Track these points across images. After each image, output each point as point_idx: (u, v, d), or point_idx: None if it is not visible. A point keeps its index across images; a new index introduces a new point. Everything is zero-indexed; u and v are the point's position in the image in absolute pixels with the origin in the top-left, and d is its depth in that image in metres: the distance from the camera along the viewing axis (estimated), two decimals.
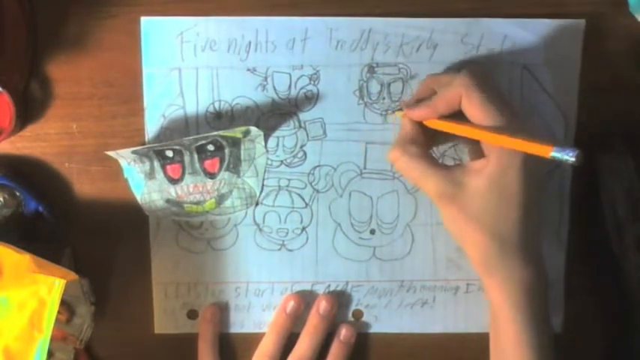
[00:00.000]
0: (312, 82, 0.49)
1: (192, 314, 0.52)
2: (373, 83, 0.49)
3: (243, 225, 0.51)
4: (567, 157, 0.38)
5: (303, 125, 0.49)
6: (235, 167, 0.50)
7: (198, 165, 0.49)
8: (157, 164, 0.49)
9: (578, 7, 0.48)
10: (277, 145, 0.50)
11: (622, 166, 0.48)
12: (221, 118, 0.49)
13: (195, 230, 0.51)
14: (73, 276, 0.44)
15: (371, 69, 0.49)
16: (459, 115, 0.44)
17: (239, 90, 0.49)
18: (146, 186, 0.49)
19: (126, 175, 0.49)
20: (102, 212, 0.50)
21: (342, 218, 0.51)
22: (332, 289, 0.51)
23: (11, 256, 0.43)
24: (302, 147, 0.50)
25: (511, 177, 0.42)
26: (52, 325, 0.42)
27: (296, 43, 0.48)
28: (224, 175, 0.50)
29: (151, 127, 0.49)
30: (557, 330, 0.51)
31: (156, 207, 0.50)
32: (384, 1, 0.48)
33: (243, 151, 0.49)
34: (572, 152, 0.38)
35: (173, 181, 0.49)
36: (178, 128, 0.49)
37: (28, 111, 0.48)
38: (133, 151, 0.47)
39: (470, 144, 0.48)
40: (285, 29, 0.48)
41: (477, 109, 0.42)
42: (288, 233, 0.51)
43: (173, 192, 0.50)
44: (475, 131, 0.42)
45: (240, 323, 0.52)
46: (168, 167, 0.49)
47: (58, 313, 0.42)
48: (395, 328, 0.52)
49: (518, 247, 0.43)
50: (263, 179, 0.50)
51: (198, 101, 0.49)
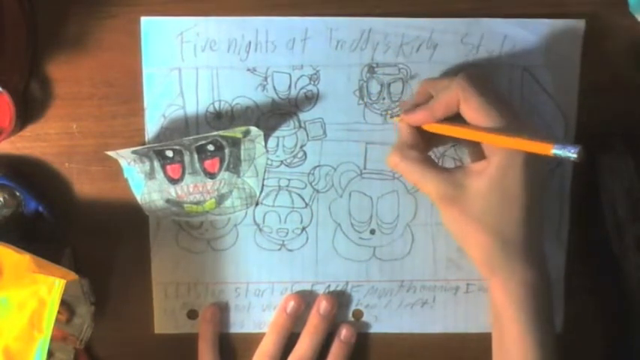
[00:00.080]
0: (312, 82, 0.49)
1: (192, 314, 0.52)
2: (373, 83, 0.49)
3: (243, 225, 0.51)
4: (569, 153, 0.38)
5: (303, 125, 0.49)
6: (235, 167, 0.50)
7: (198, 165, 0.49)
8: (156, 164, 0.49)
9: (578, 7, 0.48)
10: (277, 145, 0.50)
11: (622, 166, 0.48)
12: (221, 118, 0.49)
13: (195, 230, 0.51)
14: (73, 276, 0.44)
15: (371, 69, 0.49)
16: (456, 118, 0.44)
17: (239, 90, 0.49)
18: (146, 186, 0.49)
19: (126, 175, 0.49)
20: (102, 212, 0.50)
21: (342, 218, 0.51)
22: (332, 289, 0.51)
23: (11, 256, 0.43)
24: (302, 147, 0.50)
25: (512, 177, 0.41)
26: (52, 325, 0.42)
27: (296, 43, 0.48)
28: (224, 175, 0.50)
29: (151, 127, 0.49)
30: (557, 330, 0.51)
31: (156, 207, 0.50)
32: (384, 1, 0.48)
33: (243, 151, 0.49)
34: (573, 149, 0.38)
35: (173, 181, 0.49)
36: (178, 128, 0.49)
37: (28, 111, 0.48)
38: (133, 151, 0.47)
39: (470, 146, 0.48)
40: (285, 29, 0.48)
41: (475, 112, 0.42)
42: (288, 233, 0.51)
43: (173, 192, 0.50)
44: (475, 133, 0.42)
45: (240, 323, 0.52)
46: (168, 167, 0.49)
47: (58, 313, 0.42)
48: (395, 328, 0.52)
49: (521, 248, 0.43)
50: (263, 179, 0.50)
51: (198, 101, 0.49)
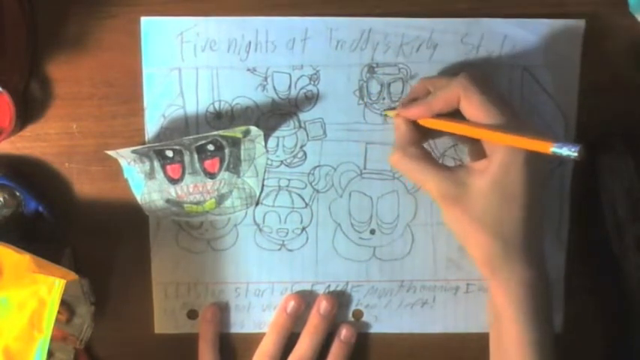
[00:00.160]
0: (312, 82, 0.49)
1: (192, 314, 0.52)
2: (373, 83, 0.49)
3: (243, 225, 0.51)
4: (569, 152, 0.38)
5: (303, 125, 0.49)
6: (235, 167, 0.50)
7: (198, 165, 0.49)
8: (157, 164, 0.49)
9: (578, 7, 0.48)
10: (277, 145, 0.50)
11: (622, 166, 0.48)
12: (221, 118, 0.49)
13: (195, 230, 0.51)
14: (73, 276, 0.44)
15: (371, 69, 0.49)
16: (455, 116, 0.44)
17: (239, 90, 0.49)
18: (146, 186, 0.49)
19: (126, 175, 0.49)
20: (102, 212, 0.50)
21: (342, 218, 0.51)
22: (332, 289, 0.51)
23: (11, 256, 0.43)
24: (302, 147, 0.50)
25: (513, 176, 0.41)
26: (52, 325, 0.42)
27: (296, 43, 0.48)
28: (224, 175, 0.50)
29: (151, 127, 0.49)
30: (557, 330, 0.51)
31: (156, 207, 0.50)
32: (384, 1, 0.48)
33: (243, 151, 0.49)
34: (573, 147, 0.38)
35: (173, 181, 0.49)
36: (178, 128, 0.49)
37: (28, 111, 0.48)
38: (133, 151, 0.47)
39: (470, 144, 0.48)
40: (285, 29, 0.48)
41: (476, 109, 0.42)
42: (288, 233, 0.51)
43: (173, 192, 0.50)
44: (474, 130, 0.42)
45: (241, 323, 0.52)
46: (168, 167, 0.49)
47: (58, 313, 0.42)
48: (395, 328, 0.52)
49: (521, 248, 0.43)
50: (263, 179, 0.50)
51: (198, 101, 0.49)
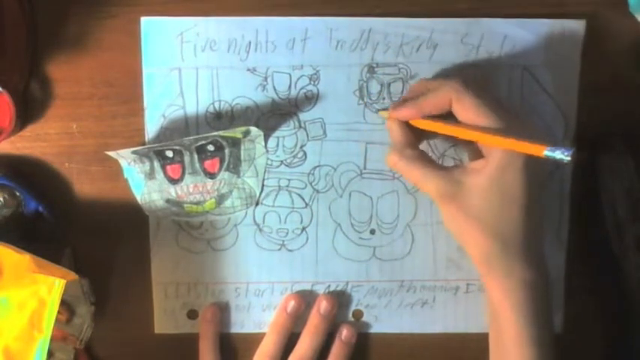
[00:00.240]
0: (312, 82, 0.49)
1: (192, 314, 0.52)
2: (373, 83, 0.49)
3: (243, 225, 0.51)
4: (562, 155, 0.38)
5: (303, 125, 0.49)
6: (235, 167, 0.50)
7: (198, 165, 0.49)
8: (157, 164, 0.49)
9: (578, 7, 0.48)
10: (277, 145, 0.50)
11: (622, 166, 0.48)
12: (221, 118, 0.49)
13: (195, 230, 0.51)
14: (73, 276, 0.44)
15: (371, 69, 0.49)
16: (450, 118, 0.44)
17: (239, 90, 0.49)
18: (146, 186, 0.49)
19: (126, 175, 0.49)
20: (102, 212, 0.50)
21: (342, 218, 0.51)
22: (332, 289, 0.51)
23: (11, 256, 0.43)
24: (302, 147, 0.50)
25: (511, 177, 0.41)
26: (52, 325, 0.41)
27: (296, 43, 0.48)
28: (224, 175, 0.50)
29: (151, 127, 0.49)
30: (557, 330, 0.51)
31: (156, 207, 0.50)
32: (384, 1, 0.48)
33: (243, 151, 0.49)
34: (567, 151, 0.38)
35: (173, 181, 0.49)
36: (178, 128, 0.49)
37: (28, 111, 0.48)
38: (133, 151, 0.47)
39: (467, 146, 0.48)
40: (285, 29, 0.48)
41: (469, 112, 0.42)
42: (288, 233, 0.51)
43: (173, 192, 0.50)
44: (467, 132, 0.42)
45: (241, 323, 0.52)
46: (168, 167, 0.49)
47: (58, 313, 0.42)
48: (395, 328, 0.52)
49: (520, 248, 0.42)
50: (263, 179, 0.50)
51: (198, 101, 0.49)
